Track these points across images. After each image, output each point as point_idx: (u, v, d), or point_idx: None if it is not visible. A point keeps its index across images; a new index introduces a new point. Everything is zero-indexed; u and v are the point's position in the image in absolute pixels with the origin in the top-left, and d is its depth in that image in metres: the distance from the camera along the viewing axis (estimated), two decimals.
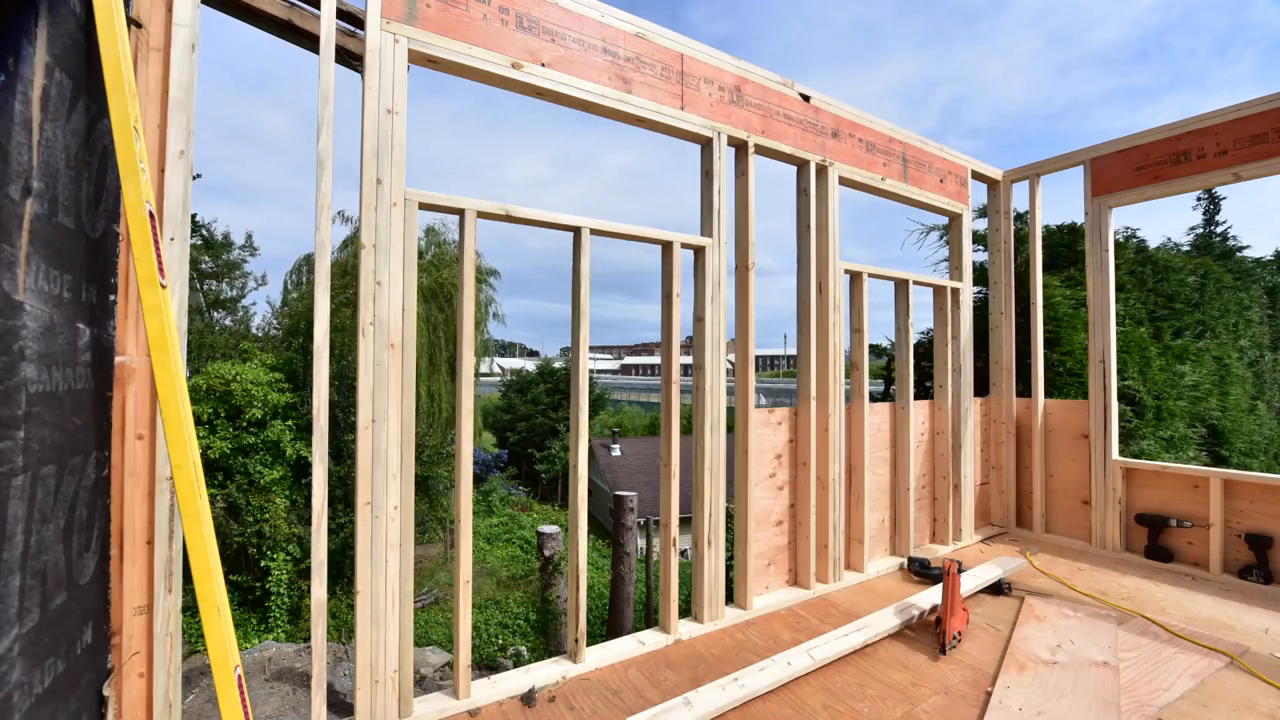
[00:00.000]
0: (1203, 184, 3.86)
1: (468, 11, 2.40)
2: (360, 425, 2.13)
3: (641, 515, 9.06)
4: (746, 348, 3.28)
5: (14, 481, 1.23)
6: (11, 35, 1.24)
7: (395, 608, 2.18)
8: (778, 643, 2.84)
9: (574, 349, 2.68)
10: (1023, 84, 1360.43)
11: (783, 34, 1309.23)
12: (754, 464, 3.28)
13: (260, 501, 10.06)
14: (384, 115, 2.19)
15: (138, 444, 1.74)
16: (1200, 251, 10.32)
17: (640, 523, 8.89)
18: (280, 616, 10.17)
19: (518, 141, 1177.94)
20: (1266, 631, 2.92)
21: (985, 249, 4.95)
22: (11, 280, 1.21)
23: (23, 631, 1.25)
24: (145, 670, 1.75)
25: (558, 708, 2.32)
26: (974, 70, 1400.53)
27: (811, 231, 3.50)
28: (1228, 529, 3.69)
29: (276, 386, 10.71)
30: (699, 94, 3.08)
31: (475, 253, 2.44)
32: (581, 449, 2.66)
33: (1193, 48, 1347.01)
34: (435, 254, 14.84)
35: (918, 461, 4.24)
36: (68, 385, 1.44)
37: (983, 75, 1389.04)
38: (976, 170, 4.65)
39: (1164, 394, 5.85)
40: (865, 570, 3.70)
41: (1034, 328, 4.58)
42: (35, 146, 1.30)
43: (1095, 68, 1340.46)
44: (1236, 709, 2.27)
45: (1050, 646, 2.75)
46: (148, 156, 1.67)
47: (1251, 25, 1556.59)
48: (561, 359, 37.14)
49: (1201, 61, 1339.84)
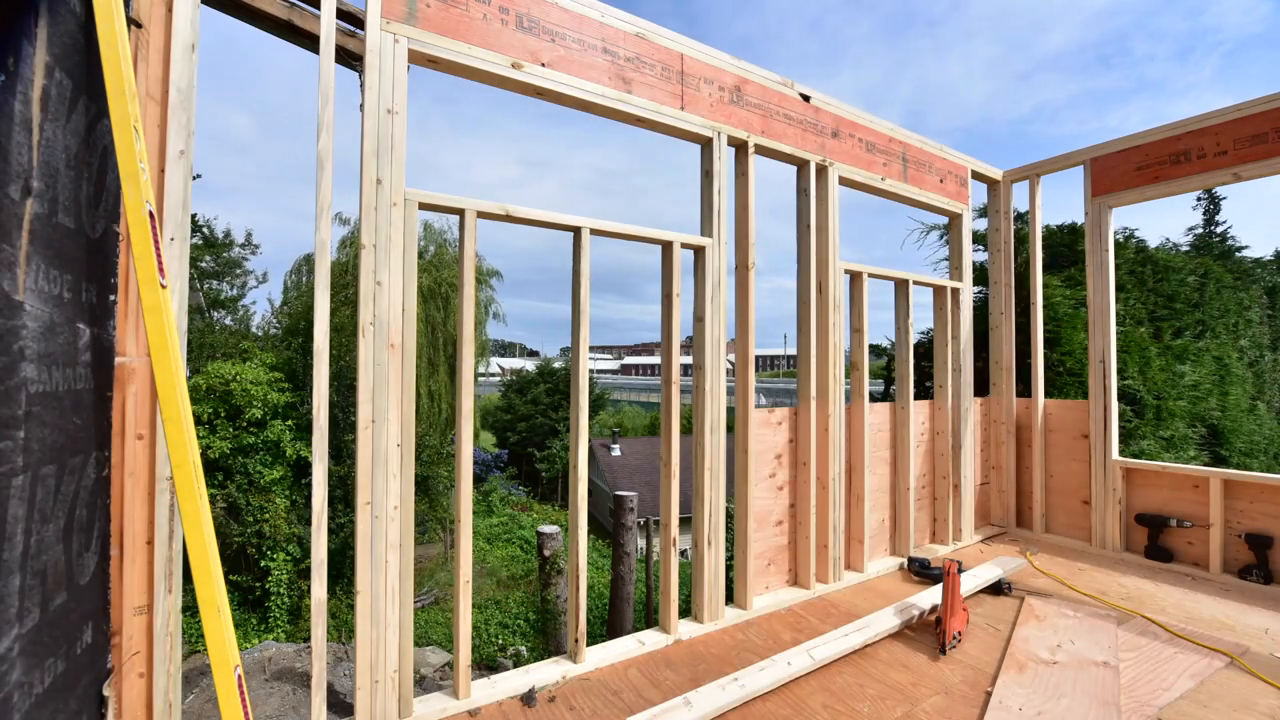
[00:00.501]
0: (1203, 184, 3.86)
1: (468, 11, 2.40)
2: (360, 425, 2.13)
3: (641, 515, 9.06)
4: (746, 348, 3.28)
5: (14, 481, 1.23)
6: (11, 35, 1.24)
7: (395, 608, 2.18)
8: (778, 643, 2.84)
9: (574, 349, 2.68)
10: (984, 88, 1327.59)
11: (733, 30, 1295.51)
12: (754, 464, 3.28)
13: (260, 501, 10.07)
14: (384, 115, 2.18)
15: (138, 444, 1.74)
16: (1199, 251, 10.32)
17: (640, 523, 8.89)
18: (280, 616, 10.17)
19: (486, 141, 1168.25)
20: (1266, 631, 2.92)
21: (985, 249, 4.95)
22: (11, 280, 1.21)
23: (23, 631, 1.25)
24: (145, 670, 1.75)
25: (558, 708, 2.32)
26: (935, 74, 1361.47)
27: (811, 231, 3.50)
28: (1228, 529, 3.69)
29: (276, 386, 10.71)
30: (699, 94, 3.08)
31: (475, 253, 2.44)
32: (581, 449, 2.66)
33: (1153, 53, 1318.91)
34: (435, 254, 14.84)
35: (918, 461, 4.24)
36: (68, 385, 1.44)
37: (944, 78, 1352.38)
38: (976, 170, 4.65)
39: (1164, 394, 5.85)
40: (865, 570, 3.70)
41: (1034, 328, 4.58)
42: (35, 146, 1.30)
43: (1058, 72, 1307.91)
44: (1236, 709, 2.27)
45: (1050, 646, 2.76)
46: (148, 156, 1.67)
47: (1209, 30, 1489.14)
48: (561, 359, 37.14)
49: (1163, 67, 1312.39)
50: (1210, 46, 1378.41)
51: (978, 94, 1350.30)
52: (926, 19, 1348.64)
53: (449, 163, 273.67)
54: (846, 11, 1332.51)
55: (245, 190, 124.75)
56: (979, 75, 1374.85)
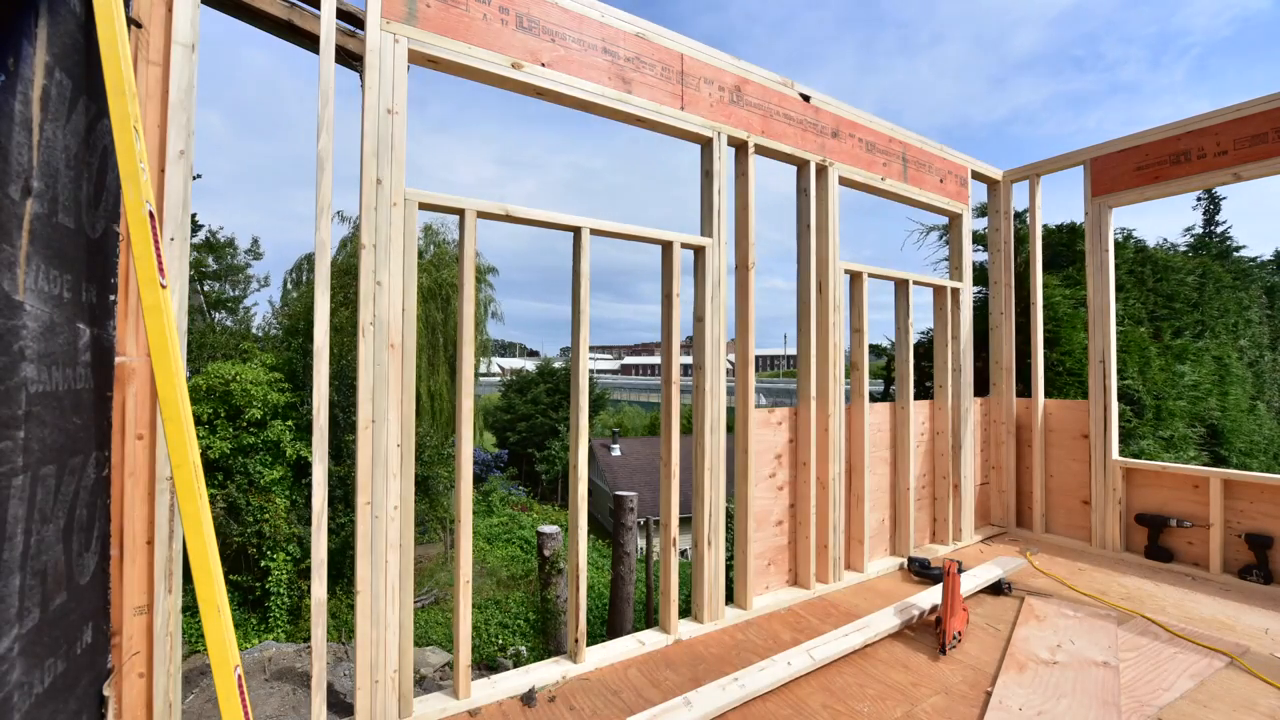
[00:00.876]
0: (1203, 184, 3.86)
1: (468, 11, 2.40)
2: (360, 425, 2.13)
3: (641, 515, 9.05)
4: (746, 348, 3.28)
5: (14, 481, 1.23)
6: (11, 35, 1.24)
7: (395, 608, 2.18)
8: (778, 643, 2.84)
9: (574, 348, 2.68)
10: (956, 91, 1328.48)
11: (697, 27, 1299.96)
12: (754, 464, 3.28)
13: (260, 501, 10.07)
14: (384, 115, 2.18)
15: (138, 444, 1.74)
16: (1197, 251, 10.32)
17: (640, 523, 8.89)
18: (280, 616, 10.17)
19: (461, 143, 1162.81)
20: (1266, 631, 2.92)
21: (985, 249, 4.96)
22: (11, 280, 1.21)
23: (23, 631, 1.25)
24: (145, 670, 1.75)
25: (558, 708, 2.32)
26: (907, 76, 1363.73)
27: (811, 231, 3.50)
28: (1228, 529, 3.69)
29: (276, 386, 10.72)
30: (699, 94, 3.08)
31: (475, 253, 2.44)
32: (581, 449, 2.66)
33: (1125, 57, 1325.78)
34: (435, 254, 14.85)
35: (918, 461, 4.24)
36: (68, 385, 1.44)
37: (916, 80, 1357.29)
38: (976, 170, 4.65)
39: (1164, 394, 5.85)
40: (865, 570, 3.70)
41: (1034, 328, 4.58)
42: (35, 146, 1.30)
43: (1034, 76, 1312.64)
44: (1236, 709, 2.27)
45: (1050, 646, 2.76)
46: (148, 156, 1.67)
47: (1179, 34, 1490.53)
48: (561, 359, 37.15)
49: (1135, 70, 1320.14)
50: (1181, 50, 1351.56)
51: (949, 95, 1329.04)
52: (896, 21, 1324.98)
53: (429, 163, 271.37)
54: (814, 12, 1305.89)
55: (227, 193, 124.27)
56: (951, 77, 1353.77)
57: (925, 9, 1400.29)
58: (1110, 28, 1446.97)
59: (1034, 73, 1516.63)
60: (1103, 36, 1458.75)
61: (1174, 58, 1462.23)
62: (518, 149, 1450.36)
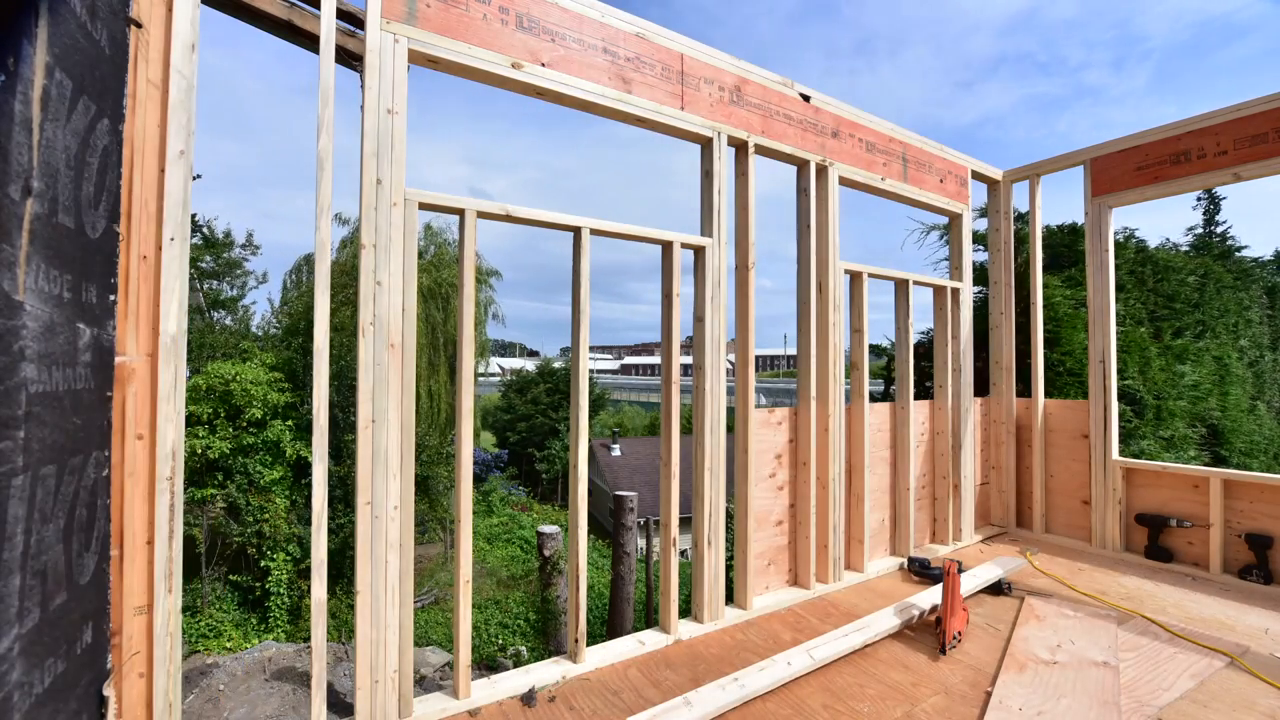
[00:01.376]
0: (1203, 184, 3.86)
1: (468, 11, 2.40)
2: (360, 425, 2.13)
3: (641, 515, 9.05)
4: (746, 348, 3.28)
5: (14, 481, 1.23)
6: (11, 35, 1.24)
7: (395, 608, 2.18)
8: (778, 643, 2.84)
9: (574, 348, 2.68)
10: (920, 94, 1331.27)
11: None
12: (754, 464, 3.28)
13: (260, 501, 10.07)
14: (384, 115, 2.18)
15: (138, 444, 1.74)
16: (1198, 251, 10.31)
17: (640, 523, 8.89)
18: (280, 616, 10.18)
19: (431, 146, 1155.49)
20: (1266, 631, 2.92)
21: (985, 249, 4.95)
22: (11, 280, 1.21)
23: (23, 631, 1.25)
24: (145, 670, 1.75)
25: (558, 708, 2.32)
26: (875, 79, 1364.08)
27: (811, 231, 3.50)
28: (1228, 529, 3.69)
29: (276, 386, 10.72)
30: (699, 94, 3.08)
31: (475, 253, 2.44)
32: (581, 449, 2.65)
33: (1088, 61, 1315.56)
34: (435, 254, 14.85)
35: (918, 461, 4.24)
36: (68, 385, 1.44)
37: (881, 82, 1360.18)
38: (977, 170, 4.65)
39: (1164, 394, 5.85)
40: (865, 570, 3.70)
41: (1034, 328, 4.58)
42: (35, 146, 1.30)
43: (998, 80, 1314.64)
44: (1236, 709, 2.27)
45: (1050, 646, 2.76)
46: (147, 156, 1.67)
47: (1138, 39, 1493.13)
48: (561, 359, 37.14)
49: (1099, 74, 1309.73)
50: (1143, 55, 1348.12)
51: (914, 99, 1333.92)
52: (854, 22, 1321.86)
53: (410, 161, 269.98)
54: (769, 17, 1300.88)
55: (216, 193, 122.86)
56: (915, 81, 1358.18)
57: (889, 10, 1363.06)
58: (1070, 33, 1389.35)
59: (998, 77, 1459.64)
60: (1061, 40, 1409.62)
61: (1136, 62, 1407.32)
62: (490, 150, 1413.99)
